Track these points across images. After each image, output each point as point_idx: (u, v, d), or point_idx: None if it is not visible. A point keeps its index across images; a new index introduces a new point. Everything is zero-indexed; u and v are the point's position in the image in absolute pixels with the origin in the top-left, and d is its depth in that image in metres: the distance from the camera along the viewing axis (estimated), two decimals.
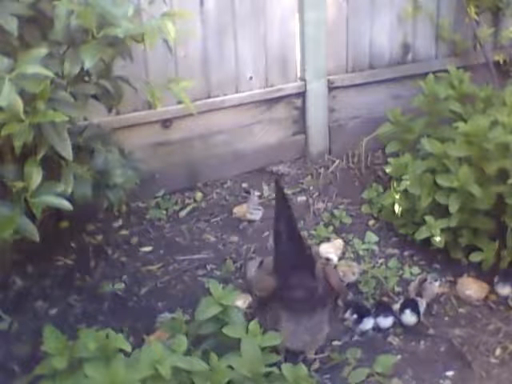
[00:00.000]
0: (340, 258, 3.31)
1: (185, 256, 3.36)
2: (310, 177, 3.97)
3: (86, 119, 3.14)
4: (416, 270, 3.27)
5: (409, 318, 2.89)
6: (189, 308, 2.87)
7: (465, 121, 3.29)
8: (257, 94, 3.86)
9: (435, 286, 3.08)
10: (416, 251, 3.40)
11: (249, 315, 2.80)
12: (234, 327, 2.47)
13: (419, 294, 3.00)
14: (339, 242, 3.40)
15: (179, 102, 3.10)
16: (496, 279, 3.11)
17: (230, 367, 2.31)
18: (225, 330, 2.44)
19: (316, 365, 2.71)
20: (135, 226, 3.53)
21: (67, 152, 2.32)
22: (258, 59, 3.81)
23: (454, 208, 3.10)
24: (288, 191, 3.83)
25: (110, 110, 2.76)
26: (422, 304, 2.95)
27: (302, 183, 3.92)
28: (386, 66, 4.17)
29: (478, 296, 3.08)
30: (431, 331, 2.92)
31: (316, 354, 2.74)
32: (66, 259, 3.24)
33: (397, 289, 3.14)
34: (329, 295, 2.67)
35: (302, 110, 4.03)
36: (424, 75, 3.83)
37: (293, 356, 2.67)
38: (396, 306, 2.95)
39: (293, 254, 2.61)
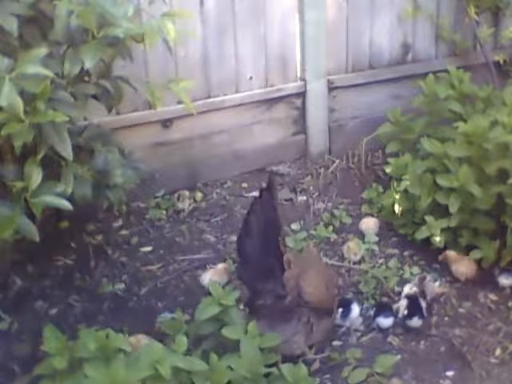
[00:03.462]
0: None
1: (185, 256, 3.36)
2: (309, 177, 3.97)
3: (86, 119, 3.14)
4: (416, 269, 3.27)
5: (415, 322, 2.89)
6: (189, 308, 2.87)
7: (465, 121, 3.29)
8: (257, 94, 3.87)
9: (435, 285, 3.08)
10: (416, 251, 3.40)
11: None
12: (233, 328, 2.47)
13: (420, 293, 2.99)
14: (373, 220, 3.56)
15: (179, 102, 3.12)
16: (497, 272, 3.13)
17: (230, 368, 2.32)
18: (224, 331, 2.44)
19: (316, 365, 2.71)
20: (135, 225, 3.53)
21: (67, 152, 2.32)
22: (257, 59, 3.81)
23: (454, 208, 3.10)
24: (288, 191, 3.85)
25: (109, 110, 2.75)
26: (423, 303, 2.95)
27: (302, 183, 3.92)
28: (386, 66, 4.18)
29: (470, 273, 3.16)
30: (431, 331, 2.92)
31: (316, 353, 2.74)
32: (66, 259, 3.24)
33: (397, 289, 3.14)
34: (301, 307, 2.61)
35: (302, 110, 4.03)
36: (424, 75, 3.83)
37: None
38: (396, 306, 2.95)
39: (262, 260, 2.59)
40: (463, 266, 3.18)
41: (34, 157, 2.33)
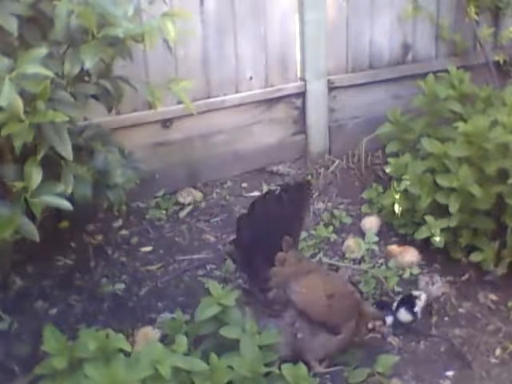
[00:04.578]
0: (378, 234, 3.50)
1: (185, 256, 3.36)
2: (310, 177, 3.97)
3: (86, 119, 3.14)
4: (416, 269, 3.27)
5: (403, 316, 2.89)
6: (189, 308, 2.87)
7: (465, 121, 3.29)
8: (257, 94, 3.86)
9: (439, 286, 3.08)
10: (416, 251, 3.40)
11: None
12: (231, 328, 2.47)
13: (426, 293, 2.98)
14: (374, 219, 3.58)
15: (179, 102, 3.12)
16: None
17: (230, 367, 2.32)
18: (222, 331, 2.44)
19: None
20: (135, 225, 3.53)
21: (67, 152, 2.32)
22: (257, 59, 3.81)
23: (454, 208, 3.10)
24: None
25: (109, 110, 2.75)
26: (422, 301, 2.94)
27: None
28: (386, 65, 4.17)
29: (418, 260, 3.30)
30: (431, 331, 2.92)
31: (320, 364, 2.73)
32: (66, 259, 3.24)
33: (397, 289, 3.14)
34: (288, 307, 2.61)
35: (302, 110, 4.03)
36: (424, 75, 3.83)
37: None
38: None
39: (258, 250, 2.63)
40: (408, 255, 3.28)
41: (34, 157, 2.33)
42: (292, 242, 2.72)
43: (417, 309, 2.90)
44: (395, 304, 2.93)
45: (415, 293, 3.00)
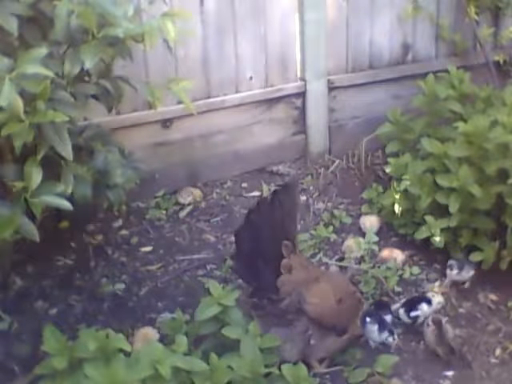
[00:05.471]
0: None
1: (185, 256, 3.36)
2: (310, 177, 3.97)
3: (86, 119, 3.14)
4: (416, 269, 3.27)
5: (402, 315, 2.90)
6: (189, 308, 2.87)
7: (465, 121, 3.29)
8: (257, 94, 3.87)
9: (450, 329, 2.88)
10: (416, 251, 3.40)
11: None
12: (233, 328, 2.47)
13: (438, 339, 2.80)
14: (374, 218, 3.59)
15: (179, 102, 3.12)
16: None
17: (230, 367, 2.32)
18: (224, 331, 2.44)
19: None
20: (135, 225, 3.53)
21: (67, 152, 2.32)
22: (257, 59, 3.81)
23: (454, 208, 3.10)
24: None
25: (109, 110, 2.76)
26: (433, 304, 2.94)
27: (302, 183, 3.91)
28: (386, 65, 4.17)
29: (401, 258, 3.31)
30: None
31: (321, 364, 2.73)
32: (66, 259, 3.24)
33: (397, 289, 3.14)
34: (300, 316, 2.62)
35: (302, 110, 4.03)
36: (424, 75, 3.83)
37: None
38: (395, 306, 2.96)
39: (259, 257, 2.64)
40: (399, 257, 3.31)
41: (34, 157, 2.33)
42: (292, 246, 2.72)
43: (418, 313, 2.89)
44: (399, 304, 2.95)
45: (429, 294, 3.00)
